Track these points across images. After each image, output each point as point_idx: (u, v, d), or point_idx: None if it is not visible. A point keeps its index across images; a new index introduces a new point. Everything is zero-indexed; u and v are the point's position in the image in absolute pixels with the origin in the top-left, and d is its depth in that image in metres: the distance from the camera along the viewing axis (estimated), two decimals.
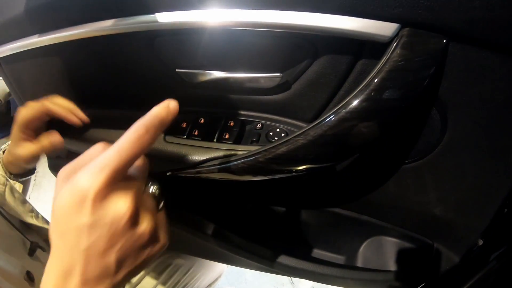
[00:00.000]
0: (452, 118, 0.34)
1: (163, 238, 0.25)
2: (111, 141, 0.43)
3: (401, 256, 0.48)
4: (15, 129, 0.42)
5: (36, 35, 0.41)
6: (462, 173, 0.37)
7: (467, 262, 0.43)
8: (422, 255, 0.47)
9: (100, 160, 0.21)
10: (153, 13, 0.34)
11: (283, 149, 0.31)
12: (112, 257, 0.21)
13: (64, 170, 0.22)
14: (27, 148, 0.42)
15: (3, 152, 0.48)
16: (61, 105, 0.41)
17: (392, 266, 0.48)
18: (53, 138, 0.42)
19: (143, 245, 0.23)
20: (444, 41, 0.29)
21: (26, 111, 0.40)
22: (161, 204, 0.26)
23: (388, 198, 0.42)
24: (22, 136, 0.42)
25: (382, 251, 0.49)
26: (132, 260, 0.22)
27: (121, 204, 0.21)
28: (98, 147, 0.23)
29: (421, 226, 0.45)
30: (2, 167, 0.46)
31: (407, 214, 0.44)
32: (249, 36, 0.34)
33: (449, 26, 0.28)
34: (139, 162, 0.25)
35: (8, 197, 0.43)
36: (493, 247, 0.40)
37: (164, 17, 0.33)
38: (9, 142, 0.47)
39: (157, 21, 0.34)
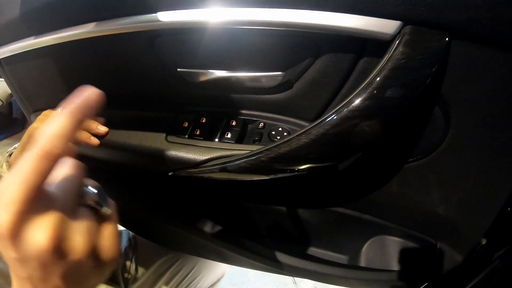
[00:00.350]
0: (455, 116, 0.33)
1: (109, 252, 0.21)
2: (114, 140, 0.43)
3: (404, 255, 0.48)
4: (27, 144, 0.42)
5: (37, 36, 0.41)
6: (465, 172, 0.37)
7: (470, 262, 0.42)
8: (425, 255, 0.46)
9: (4, 194, 0.17)
10: (154, 12, 0.34)
11: (285, 148, 0.30)
12: (56, 282, 0.20)
13: None
14: None
15: (10, 155, 0.48)
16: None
17: (395, 266, 0.48)
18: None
19: (85, 267, 0.20)
20: (447, 38, 0.29)
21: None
22: (104, 211, 0.22)
23: (391, 198, 0.42)
24: None
25: (385, 251, 0.49)
26: (82, 279, 0.21)
27: (39, 238, 0.18)
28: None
29: (424, 225, 0.45)
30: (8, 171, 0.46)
31: (410, 213, 0.44)
32: (251, 35, 0.34)
33: (451, 24, 0.28)
34: (69, 171, 0.22)
35: None
36: (496, 246, 0.39)
37: (165, 17, 0.33)
38: (16, 145, 0.47)
39: (157, 21, 0.34)
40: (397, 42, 0.28)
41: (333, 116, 0.29)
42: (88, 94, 0.21)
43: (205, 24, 0.32)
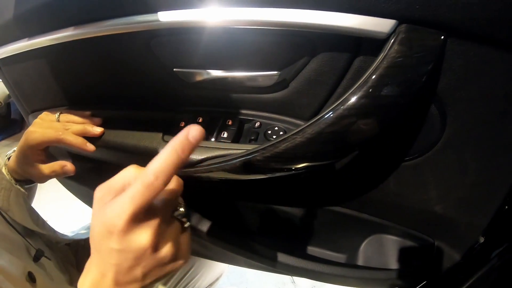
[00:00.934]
0: (451, 114, 0.33)
1: (184, 255, 0.27)
2: (111, 140, 0.43)
3: (402, 254, 0.48)
4: (25, 148, 0.42)
5: (33, 37, 0.41)
6: (463, 170, 0.37)
7: (468, 260, 0.43)
8: (423, 253, 0.46)
9: (128, 195, 0.23)
10: (150, 13, 0.34)
11: (281, 147, 0.30)
12: (138, 271, 0.24)
13: (99, 191, 0.25)
14: (39, 170, 0.43)
15: (8, 159, 0.48)
16: (75, 130, 0.42)
17: (393, 264, 0.48)
18: (67, 167, 0.44)
19: (165, 263, 0.25)
20: (442, 37, 0.28)
21: (39, 136, 0.41)
22: (187, 224, 0.29)
23: (388, 196, 0.42)
24: (33, 156, 0.42)
25: (383, 249, 0.49)
26: (156, 273, 0.25)
27: (143, 237, 0.24)
28: (130, 171, 0.26)
29: (421, 224, 0.45)
30: (7, 174, 0.46)
31: (408, 212, 0.44)
32: (246, 34, 0.34)
33: (447, 22, 0.28)
34: (172, 185, 0.28)
35: (13, 203, 0.43)
36: (494, 244, 0.39)
37: (161, 17, 0.33)
38: (14, 148, 0.47)
39: (153, 21, 0.34)
40: (392, 40, 0.28)
41: (328, 115, 0.29)
42: (191, 131, 0.26)
43: (201, 24, 0.32)
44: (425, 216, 0.43)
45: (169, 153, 0.24)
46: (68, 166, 0.44)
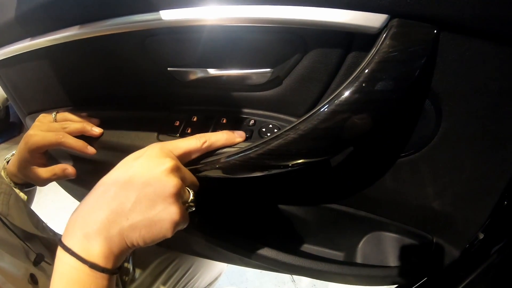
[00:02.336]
0: (446, 109, 0.33)
1: (177, 208, 0.28)
2: (106, 141, 0.43)
3: (401, 251, 0.48)
4: (25, 152, 0.42)
5: (29, 39, 0.41)
6: (459, 165, 0.37)
7: (468, 256, 0.42)
8: (422, 250, 0.46)
9: (177, 143, 0.32)
10: (143, 12, 0.34)
11: (273, 144, 0.30)
12: (134, 193, 0.27)
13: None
14: (39, 173, 0.43)
15: (8, 162, 0.48)
16: (74, 130, 0.42)
17: (392, 262, 0.48)
18: (68, 170, 0.44)
19: (163, 196, 0.27)
20: (435, 31, 0.28)
21: (40, 140, 0.40)
22: (190, 204, 0.32)
23: (385, 193, 0.42)
24: (33, 160, 0.42)
25: (381, 247, 0.48)
26: (146, 206, 0.27)
27: (169, 159, 0.30)
28: None
29: (419, 220, 0.45)
30: (6, 177, 0.46)
31: (405, 209, 0.44)
32: (239, 32, 0.34)
33: (439, 16, 0.27)
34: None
35: (13, 207, 0.43)
36: (493, 240, 0.39)
37: (154, 16, 0.33)
38: (13, 152, 0.47)
39: (147, 21, 0.34)
40: (384, 35, 0.28)
41: (320, 110, 0.29)
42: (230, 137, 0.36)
43: (194, 22, 0.32)
44: (423, 212, 0.43)
45: (221, 135, 0.35)
46: (69, 169, 0.43)
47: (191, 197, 0.31)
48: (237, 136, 0.36)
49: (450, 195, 0.39)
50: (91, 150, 0.42)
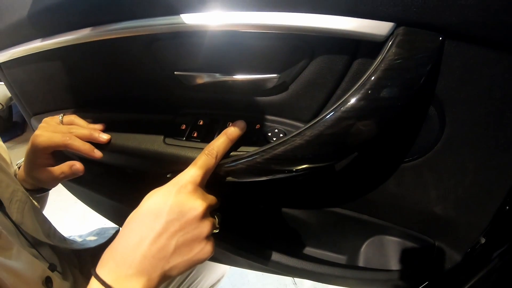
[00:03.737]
0: (450, 115, 0.34)
1: (211, 246, 0.32)
2: (112, 143, 0.44)
3: (403, 255, 0.48)
4: (32, 154, 0.42)
5: (36, 40, 0.42)
6: (462, 171, 0.37)
7: (469, 261, 0.42)
8: (424, 254, 0.46)
9: (192, 172, 0.32)
10: (151, 17, 0.34)
11: (280, 149, 0.31)
12: (174, 240, 0.29)
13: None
14: (47, 173, 0.42)
15: (19, 168, 0.48)
16: (82, 135, 0.42)
17: (394, 265, 0.48)
18: (75, 166, 0.43)
19: (199, 239, 0.30)
20: (440, 39, 0.29)
21: (46, 140, 0.40)
22: (216, 230, 0.34)
23: (388, 197, 0.42)
24: (40, 160, 0.42)
25: (384, 251, 0.49)
26: (186, 251, 0.30)
27: (200, 201, 0.31)
28: None
29: (422, 224, 0.45)
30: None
31: (408, 213, 0.44)
32: (246, 38, 0.34)
33: (444, 24, 0.28)
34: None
35: (27, 215, 0.42)
36: (495, 245, 0.39)
37: (161, 21, 0.34)
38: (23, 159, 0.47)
39: (154, 25, 0.34)
40: (390, 43, 0.29)
41: (327, 117, 0.29)
42: (239, 123, 0.37)
43: (201, 27, 0.33)
44: (425, 217, 0.43)
45: (224, 138, 0.35)
46: (77, 165, 0.43)
47: (217, 221, 0.34)
48: (237, 130, 0.36)
49: (453, 200, 0.40)
50: (97, 153, 0.42)
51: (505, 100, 0.32)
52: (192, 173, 0.32)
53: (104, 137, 0.42)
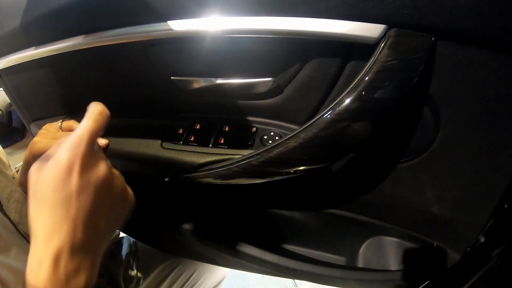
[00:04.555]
0: (444, 116, 0.34)
1: (130, 192, 0.30)
2: (111, 148, 0.44)
3: (402, 255, 0.48)
4: (30, 158, 0.42)
5: (35, 47, 0.42)
6: (458, 170, 0.37)
7: (469, 260, 0.42)
8: (423, 254, 0.47)
9: (74, 137, 0.24)
10: (148, 23, 0.35)
11: (275, 152, 0.31)
12: (97, 217, 0.25)
13: (36, 165, 0.25)
14: None
15: (17, 172, 0.48)
16: None
17: (393, 266, 0.48)
18: None
19: (119, 199, 0.27)
20: (432, 40, 0.29)
21: (44, 146, 0.41)
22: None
23: (386, 198, 0.42)
24: None
25: (383, 251, 0.49)
26: (111, 214, 0.26)
27: (101, 167, 0.25)
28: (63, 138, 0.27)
29: (420, 225, 0.45)
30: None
31: (406, 213, 0.44)
32: (241, 42, 0.34)
33: (435, 25, 0.28)
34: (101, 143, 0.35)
35: (25, 216, 0.42)
36: (494, 243, 0.39)
37: (158, 27, 0.34)
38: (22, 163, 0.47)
39: (151, 31, 0.34)
40: (382, 45, 0.29)
41: (320, 119, 0.29)
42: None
43: (197, 33, 0.33)
44: (423, 217, 0.43)
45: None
46: None
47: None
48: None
49: (450, 200, 0.40)
50: (101, 144, 0.42)
51: (498, 99, 0.32)
52: (78, 142, 0.25)
53: (102, 142, 0.43)
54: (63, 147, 0.24)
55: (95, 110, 0.28)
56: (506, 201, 0.37)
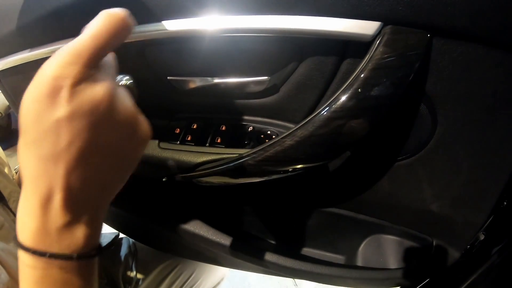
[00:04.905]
0: (441, 113, 0.34)
1: (145, 125, 0.23)
2: None
3: (401, 253, 0.48)
4: None
5: (31, 49, 0.42)
6: (456, 168, 0.37)
7: (469, 257, 0.42)
8: (422, 252, 0.46)
9: (74, 46, 0.18)
10: (143, 23, 0.35)
11: (271, 150, 0.31)
12: (96, 158, 0.19)
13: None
14: None
15: (16, 172, 0.49)
16: None
17: (392, 264, 0.48)
18: None
19: (126, 134, 0.21)
20: (427, 36, 0.29)
21: None
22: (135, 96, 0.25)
23: (384, 196, 0.42)
24: None
25: (382, 250, 0.49)
26: (116, 154, 0.20)
27: (98, 89, 0.19)
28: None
29: (419, 223, 0.45)
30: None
31: (404, 212, 0.44)
32: (237, 42, 0.34)
33: (431, 22, 0.28)
34: (108, 57, 0.23)
35: None
36: (494, 241, 0.39)
37: (154, 27, 0.34)
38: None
39: (147, 31, 0.34)
40: (378, 42, 0.29)
41: (316, 117, 0.29)
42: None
43: (193, 33, 0.33)
44: (422, 215, 0.43)
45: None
46: None
47: (126, 81, 0.26)
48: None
49: (448, 198, 0.40)
50: None
51: (496, 96, 0.32)
52: (77, 52, 0.19)
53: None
54: (52, 60, 0.18)
55: (110, 19, 0.20)
56: (506, 198, 0.37)
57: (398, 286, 0.48)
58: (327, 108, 0.29)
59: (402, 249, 0.48)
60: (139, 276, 0.58)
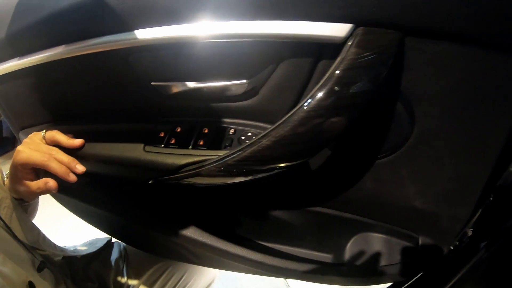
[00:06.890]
0: (419, 110, 0.34)
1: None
2: (96, 153, 0.45)
3: (388, 251, 0.48)
4: (13, 167, 0.43)
5: (20, 57, 0.43)
6: (438, 164, 0.37)
7: (457, 253, 0.43)
8: (409, 249, 0.47)
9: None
10: (127, 31, 0.35)
11: (249, 150, 0.31)
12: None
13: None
14: (25, 187, 0.44)
15: (7, 178, 0.49)
16: (60, 160, 0.43)
17: (380, 262, 0.48)
18: (49, 184, 0.44)
19: None
20: (399, 36, 0.29)
21: (26, 157, 0.42)
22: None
23: (367, 194, 0.42)
24: (21, 175, 0.43)
25: (369, 247, 0.49)
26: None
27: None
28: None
29: (404, 220, 0.46)
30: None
31: (389, 209, 0.44)
32: (216, 47, 0.35)
33: (402, 22, 0.29)
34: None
35: (15, 221, 0.44)
36: (482, 236, 0.40)
37: (137, 35, 0.35)
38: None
39: (131, 39, 0.35)
40: (350, 43, 0.29)
41: (289, 118, 0.30)
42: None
43: (174, 40, 0.34)
44: (407, 212, 0.43)
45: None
46: (51, 182, 0.43)
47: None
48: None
49: (432, 194, 0.40)
50: (72, 177, 0.42)
51: (473, 93, 0.32)
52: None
53: (80, 168, 0.43)
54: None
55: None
56: (491, 193, 0.38)
57: (385, 283, 0.48)
58: (300, 108, 0.29)
59: (388, 246, 0.48)
60: (130, 281, 0.58)
